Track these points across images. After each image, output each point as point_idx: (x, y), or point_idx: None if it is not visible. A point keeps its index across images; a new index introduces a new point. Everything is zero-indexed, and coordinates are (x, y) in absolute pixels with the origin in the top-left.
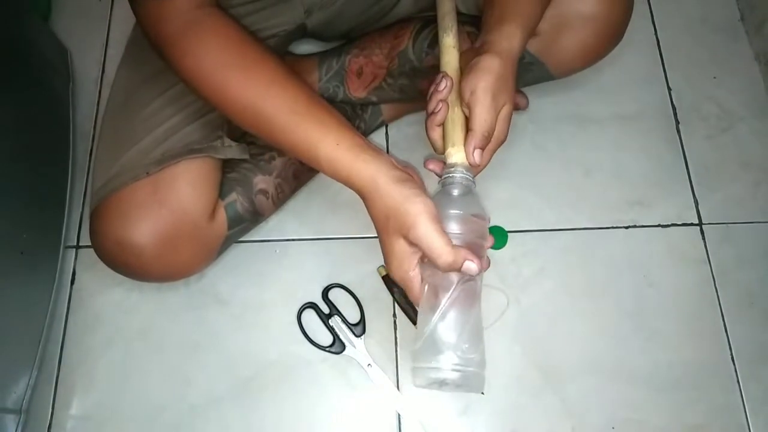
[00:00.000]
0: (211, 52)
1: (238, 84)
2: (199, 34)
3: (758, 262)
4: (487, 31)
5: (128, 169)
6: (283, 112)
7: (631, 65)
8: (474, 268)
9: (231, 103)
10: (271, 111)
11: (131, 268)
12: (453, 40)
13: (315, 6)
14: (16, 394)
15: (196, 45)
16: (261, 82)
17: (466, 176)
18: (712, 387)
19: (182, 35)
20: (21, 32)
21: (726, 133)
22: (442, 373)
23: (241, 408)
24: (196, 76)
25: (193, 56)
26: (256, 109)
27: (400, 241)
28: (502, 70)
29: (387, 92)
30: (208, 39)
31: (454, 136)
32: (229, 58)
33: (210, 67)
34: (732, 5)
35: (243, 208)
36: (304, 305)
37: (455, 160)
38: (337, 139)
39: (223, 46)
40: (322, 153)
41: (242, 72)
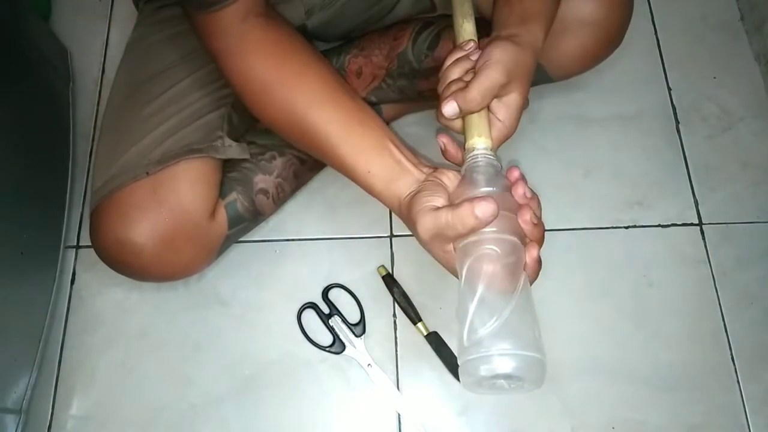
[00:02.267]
0: (254, 72)
1: (279, 104)
2: (244, 53)
3: (758, 262)
4: (506, 25)
5: (128, 169)
6: (320, 134)
7: (631, 65)
8: (489, 209)
9: (276, 123)
10: (309, 133)
11: (131, 268)
12: (473, 28)
13: (315, 7)
14: (16, 394)
15: (240, 63)
16: (298, 103)
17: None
18: (712, 387)
19: (229, 53)
20: (21, 32)
21: (726, 133)
22: (494, 363)
23: (241, 408)
24: (241, 90)
25: (239, 76)
26: (296, 129)
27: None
28: (522, 57)
29: (386, 93)
30: (252, 58)
31: (478, 126)
32: (270, 75)
33: (254, 87)
34: (732, 5)
35: (243, 207)
36: (304, 305)
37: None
38: (368, 165)
39: (267, 63)
40: (357, 179)
41: (282, 91)
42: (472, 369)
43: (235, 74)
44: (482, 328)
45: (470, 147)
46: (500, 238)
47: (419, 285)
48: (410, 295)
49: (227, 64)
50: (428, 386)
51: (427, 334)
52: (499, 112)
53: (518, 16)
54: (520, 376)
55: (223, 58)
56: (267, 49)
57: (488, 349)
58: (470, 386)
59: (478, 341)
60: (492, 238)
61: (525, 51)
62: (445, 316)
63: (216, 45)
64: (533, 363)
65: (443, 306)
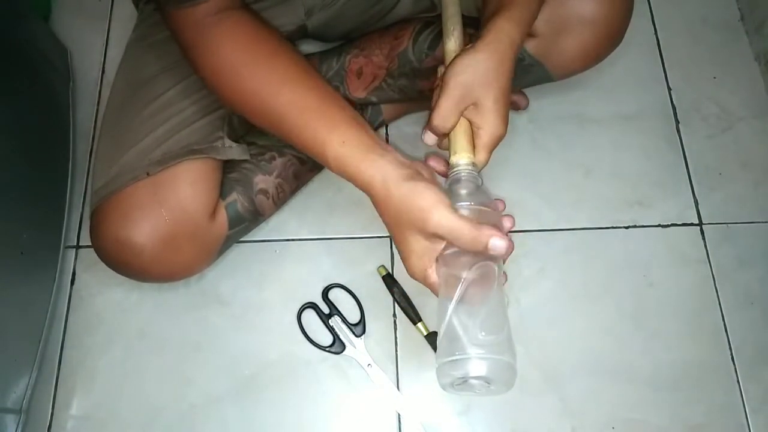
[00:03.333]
0: (225, 52)
1: (250, 83)
2: (215, 35)
3: (758, 262)
4: (482, 27)
5: (129, 170)
6: (293, 110)
7: (631, 65)
8: (501, 245)
9: (244, 103)
10: (282, 110)
11: (132, 269)
12: (454, 45)
13: (316, 7)
14: (16, 394)
15: (211, 45)
16: (272, 81)
17: (473, 173)
18: (712, 387)
19: (200, 37)
20: (21, 32)
21: (726, 133)
22: (467, 365)
23: (241, 408)
24: (211, 76)
25: (209, 56)
26: (268, 108)
27: (416, 237)
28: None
29: (387, 92)
30: (223, 39)
31: (458, 142)
32: (241, 56)
33: (224, 67)
34: (732, 5)
35: (243, 207)
36: (304, 305)
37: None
38: (343, 137)
39: (238, 45)
40: (329, 152)
41: (254, 70)
42: (447, 371)
43: (206, 63)
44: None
45: (452, 163)
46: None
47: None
48: (410, 295)
49: (197, 53)
50: (428, 386)
51: (427, 334)
52: (476, 121)
53: (489, 15)
54: (491, 378)
55: (192, 48)
56: (243, 30)
57: (462, 352)
58: (446, 387)
59: (453, 345)
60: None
61: (481, 54)
62: None
63: (187, 36)
64: (504, 366)
65: None
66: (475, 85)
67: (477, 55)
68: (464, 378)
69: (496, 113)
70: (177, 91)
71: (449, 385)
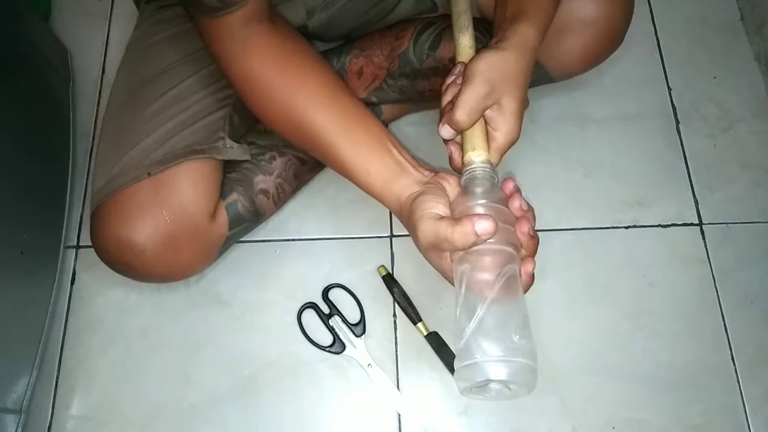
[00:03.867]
0: (257, 73)
1: (280, 106)
2: (246, 56)
3: (758, 262)
4: (499, 30)
5: (129, 170)
6: (320, 135)
7: (631, 65)
8: (488, 226)
9: (277, 124)
10: (310, 134)
11: (132, 269)
12: (469, 41)
13: (317, 7)
14: (16, 394)
15: (242, 65)
16: (300, 103)
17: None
18: (712, 387)
19: (232, 57)
20: (21, 32)
21: (726, 133)
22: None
23: (241, 408)
24: (246, 96)
25: (241, 78)
26: (298, 130)
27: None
28: (505, 62)
29: (387, 93)
30: (254, 60)
31: (474, 140)
32: (272, 77)
33: (256, 89)
34: (732, 5)
35: (244, 208)
36: (304, 305)
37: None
38: (368, 165)
39: (268, 67)
40: (356, 179)
41: (283, 92)
42: (467, 375)
43: (237, 76)
44: (479, 336)
45: (467, 161)
46: (497, 249)
47: (419, 285)
48: (410, 295)
49: (230, 66)
50: (428, 386)
51: (427, 334)
52: (494, 121)
53: (509, 18)
54: (512, 381)
55: (225, 61)
56: (269, 51)
57: (483, 356)
58: (465, 391)
59: (474, 348)
60: (489, 248)
61: (509, 54)
62: (445, 316)
63: (219, 49)
64: (525, 369)
65: (443, 306)
66: (501, 85)
67: (505, 55)
68: (484, 382)
69: (516, 116)
70: (178, 91)
71: (468, 389)
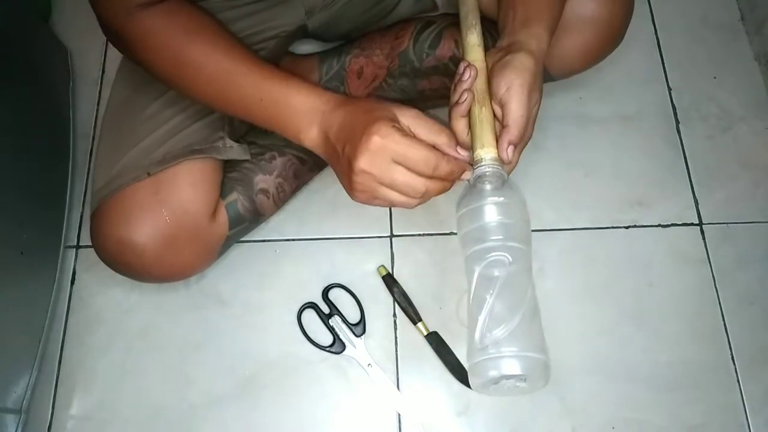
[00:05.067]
0: (150, 28)
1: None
2: (151, 17)
3: (758, 262)
4: (510, 32)
5: (129, 170)
6: (222, 73)
7: (631, 65)
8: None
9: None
10: (209, 75)
11: (132, 269)
12: (478, 38)
13: (316, 7)
14: (16, 394)
15: (146, 25)
16: (198, 48)
17: (499, 168)
18: (712, 387)
19: (136, 15)
20: (21, 32)
21: (726, 133)
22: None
23: (241, 408)
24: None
25: (133, 37)
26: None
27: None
28: (535, 70)
29: (387, 92)
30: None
31: (484, 137)
32: (167, 30)
33: (148, 41)
34: (732, 5)
35: (244, 207)
36: (304, 305)
37: (486, 155)
38: (283, 79)
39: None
40: (271, 92)
41: (178, 41)
42: (481, 370)
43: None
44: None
45: (477, 158)
46: (509, 245)
47: (419, 285)
48: (410, 295)
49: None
50: (428, 386)
51: (427, 334)
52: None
53: (520, 20)
54: (526, 376)
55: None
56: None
57: (497, 351)
58: (479, 387)
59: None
60: (501, 245)
61: (536, 62)
62: (445, 316)
63: (114, 20)
64: (538, 364)
65: (443, 306)
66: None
67: (530, 60)
68: (498, 378)
69: (534, 119)
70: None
71: (482, 385)
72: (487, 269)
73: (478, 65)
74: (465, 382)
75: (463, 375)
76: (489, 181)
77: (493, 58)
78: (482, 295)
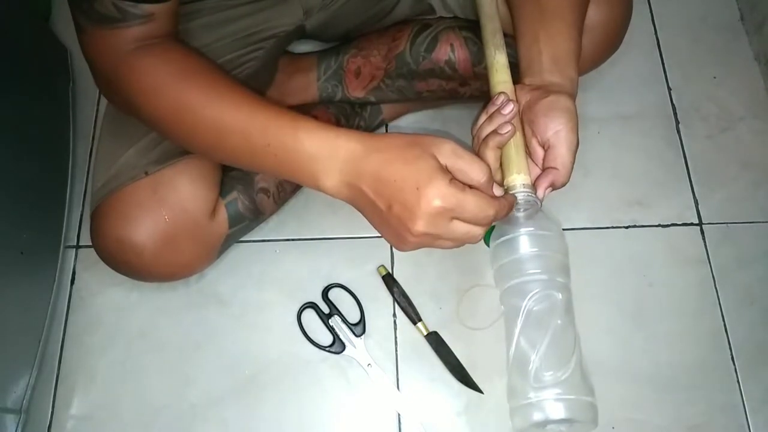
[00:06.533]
0: (146, 75)
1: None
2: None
3: (758, 262)
4: (540, 70)
5: (127, 169)
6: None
7: (631, 65)
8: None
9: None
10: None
11: (132, 268)
12: (505, 59)
13: (314, 8)
14: (16, 394)
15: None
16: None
17: (533, 196)
18: (712, 387)
19: (128, 60)
20: (21, 32)
21: (726, 133)
22: (543, 408)
23: (241, 408)
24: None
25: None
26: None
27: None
28: (576, 115)
29: (385, 93)
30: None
31: (520, 163)
32: (163, 76)
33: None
34: (732, 5)
35: (244, 206)
36: (304, 305)
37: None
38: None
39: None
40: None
41: (176, 89)
42: (524, 414)
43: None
44: (547, 374)
45: (510, 184)
46: (551, 280)
47: (419, 285)
48: (410, 295)
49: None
50: (428, 386)
51: (427, 334)
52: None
53: (550, 59)
54: (572, 418)
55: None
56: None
57: (538, 394)
58: (522, 429)
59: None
60: (542, 279)
61: (571, 101)
62: (445, 316)
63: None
64: (583, 406)
65: (443, 306)
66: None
67: (573, 105)
68: (544, 421)
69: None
70: None
71: (525, 428)
72: (535, 306)
73: (508, 87)
74: (465, 382)
75: (463, 375)
76: (524, 209)
77: (529, 96)
78: (533, 336)
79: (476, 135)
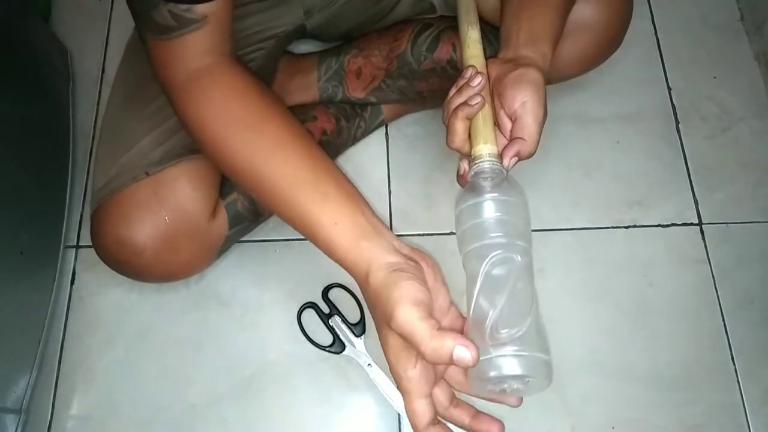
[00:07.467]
0: (214, 107)
1: (238, 145)
2: (205, 86)
3: (758, 262)
4: (515, 46)
5: (128, 170)
6: (283, 182)
7: (631, 65)
8: (467, 356)
9: (230, 164)
10: (271, 179)
11: (132, 268)
12: (478, 35)
13: (314, 7)
14: (16, 394)
15: (200, 96)
16: (262, 145)
17: (498, 165)
18: (712, 387)
19: (188, 85)
20: (21, 32)
21: (726, 133)
22: (499, 365)
23: (241, 408)
24: (197, 129)
25: (196, 108)
26: (256, 174)
27: (391, 334)
28: (545, 87)
29: (386, 93)
30: (213, 92)
31: (487, 134)
32: (232, 113)
33: (211, 122)
34: (732, 5)
35: (244, 207)
36: (304, 305)
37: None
38: (336, 217)
39: (229, 101)
40: (319, 233)
41: (244, 131)
42: (479, 372)
43: (190, 108)
44: (502, 332)
45: (476, 154)
46: (516, 244)
47: None
48: None
49: (184, 96)
50: None
51: None
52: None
53: (527, 36)
54: (530, 377)
55: (177, 92)
56: (235, 85)
57: (505, 351)
58: (479, 390)
59: (497, 344)
60: (508, 243)
61: (539, 74)
62: None
63: (175, 76)
64: (539, 363)
65: None
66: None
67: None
68: (500, 378)
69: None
70: None
71: (483, 390)
72: (494, 268)
73: (478, 61)
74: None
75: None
76: (486, 177)
77: (499, 69)
78: (490, 295)
79: (446, 107)
